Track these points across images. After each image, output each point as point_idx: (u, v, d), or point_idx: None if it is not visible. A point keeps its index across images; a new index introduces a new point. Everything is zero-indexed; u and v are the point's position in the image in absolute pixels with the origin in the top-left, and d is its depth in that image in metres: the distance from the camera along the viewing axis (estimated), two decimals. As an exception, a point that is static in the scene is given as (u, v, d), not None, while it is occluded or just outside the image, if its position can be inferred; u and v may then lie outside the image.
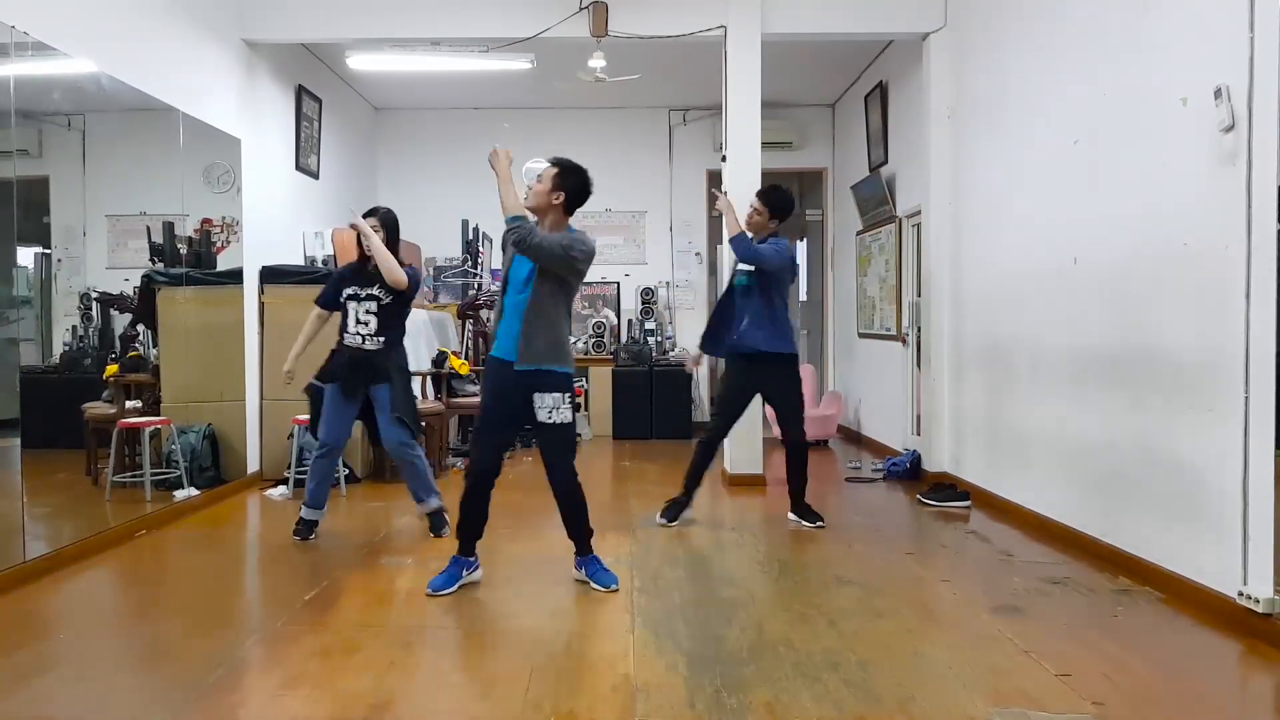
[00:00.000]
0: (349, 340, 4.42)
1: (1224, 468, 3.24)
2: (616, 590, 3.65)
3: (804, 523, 4.81)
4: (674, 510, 4.87)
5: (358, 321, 4.41)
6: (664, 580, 3.82)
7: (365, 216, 4.46)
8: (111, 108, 4.85)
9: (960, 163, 5.75)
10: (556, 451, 3.68)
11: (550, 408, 3.57)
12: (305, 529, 4.53)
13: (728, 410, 4.92)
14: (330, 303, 4.51)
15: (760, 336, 4.68)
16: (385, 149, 9.12)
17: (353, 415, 4.49)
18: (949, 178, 5.89)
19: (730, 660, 2.91)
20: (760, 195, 4.82)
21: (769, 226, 4.76)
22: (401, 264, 4.38)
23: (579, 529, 3.77)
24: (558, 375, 3.58)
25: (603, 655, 2.99)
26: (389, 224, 4.47)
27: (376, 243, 4.33)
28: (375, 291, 4.40)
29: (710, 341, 4.95)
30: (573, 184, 3.58)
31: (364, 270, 4.45)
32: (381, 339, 4.41)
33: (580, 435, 8.33)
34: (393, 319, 4.45)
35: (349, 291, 4.44)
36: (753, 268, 4.69)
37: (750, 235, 4.67)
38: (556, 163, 3.61)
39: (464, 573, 3.71)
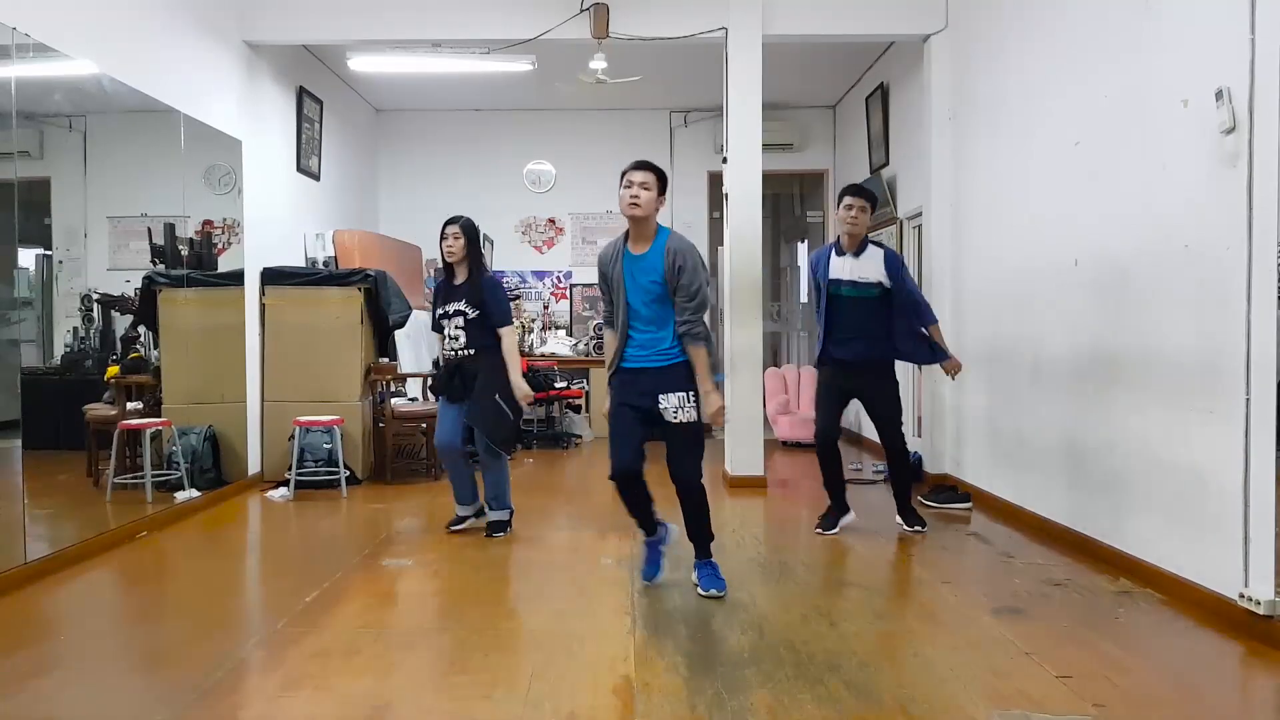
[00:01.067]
0: (447, 354, 4.64)
1: (1225, 469, 3.23)
2: (720, 596, 3.57)
3: (904, 526, 4.71)
4: (829, 519, 4.72)
5: (450, 337, 4.59)
6: (665, 581, 3.81)
7: (448, 225, 4.60)
8: (113, 109, 4.86)
9: (961, 164, 5.75)
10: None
11: (676, 407, 3.53)
12: (456, 521, 4.73)
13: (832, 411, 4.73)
14: (437, 328, 4.70)
15: (886, 347, 4.57)
16: (386, 150, 9.12)
17: (459, 417, 4.61)
18: (950, 179, 5.89)
19: (731, 662, 2.91)
20: (859, 194, 4.56)
21: (869, 223, 4.64)
22: (484, 271, 4.64)
23: (697, 531, 3.72)
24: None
25: (603, 656, 2.99)
26: (470, 233, 4.61)
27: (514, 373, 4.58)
28: (461, 307, 4.55)
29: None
30: (665, 182, 3.61)
31: (451, 285, 4.60)
32: (473, 350, 4.55)
33: (580, 436, 8.35)
34: (482, 329, 4.56)
35: (440, 310, 4.64)
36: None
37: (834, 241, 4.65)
38: (653, 167, 3.57)
39: (662, 548, 3.76)
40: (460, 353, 4.55)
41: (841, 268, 4.59)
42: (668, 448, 3.60)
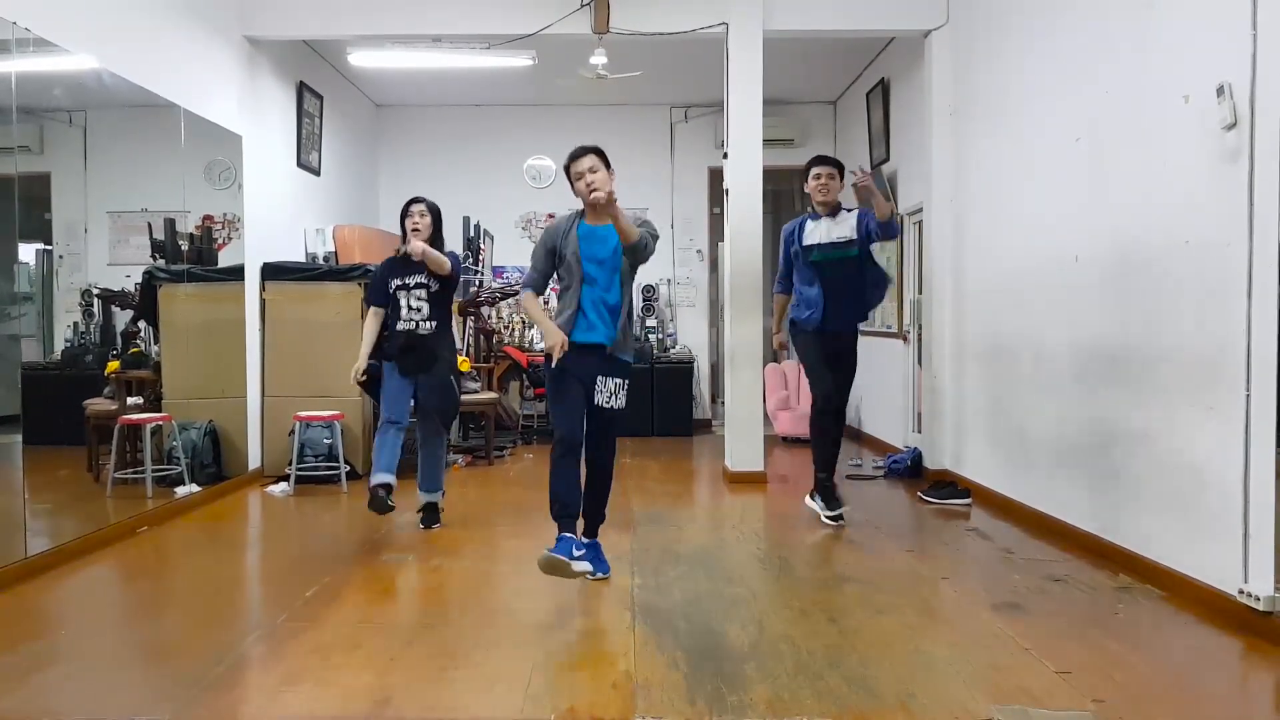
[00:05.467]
0: (402, 327, 4.55)
1: (1225, 465, 3.23)
2: (605, 579, 3.71)
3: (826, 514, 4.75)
4: (831, 500, 4.76)
5: (410, 309, 4.55)
6: (665, 577, 3.82)
7: (413, 204, 4.61)
8: (113, 104, 4.86)
9: (962, 160, 5.75)
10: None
11: (611, 393, 3.65)
12: (382, 493, 4.38)
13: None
14: (383, 300, 4.62)
15: (860, 310, 4.74)
16: (386, 146, 9.12)
17: (411, 392, 4.57)
18: (951, 175, 5.88)
19: (731, 657, 2.91)
20: (827, 162, 4.72)
21: (840, 189, 4.73)
22: (445, 248, 4.65)
23: (597, 511, 3.88)
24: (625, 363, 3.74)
25: (603, 652, 2.99)
26: (435, 212, 4.65)
27: (434, 255, 4.41)
28: (423, 279, 4.54)
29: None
30: (607, 159, 3.65)
31: (408, 261, 4.54)
32: (434, 323, 4.55)
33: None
34: (443, 302, 4.61)
35: (397, 282, 4.57)
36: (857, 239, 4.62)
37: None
38: (595, 150, 3.61)
39: (576, 551, 3.62)
40: (421, 325, 4.52)
41: (817, 232, 4.65)
42: (591, 429, 3.69)
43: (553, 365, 3.62)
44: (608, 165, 3.63)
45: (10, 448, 3.94)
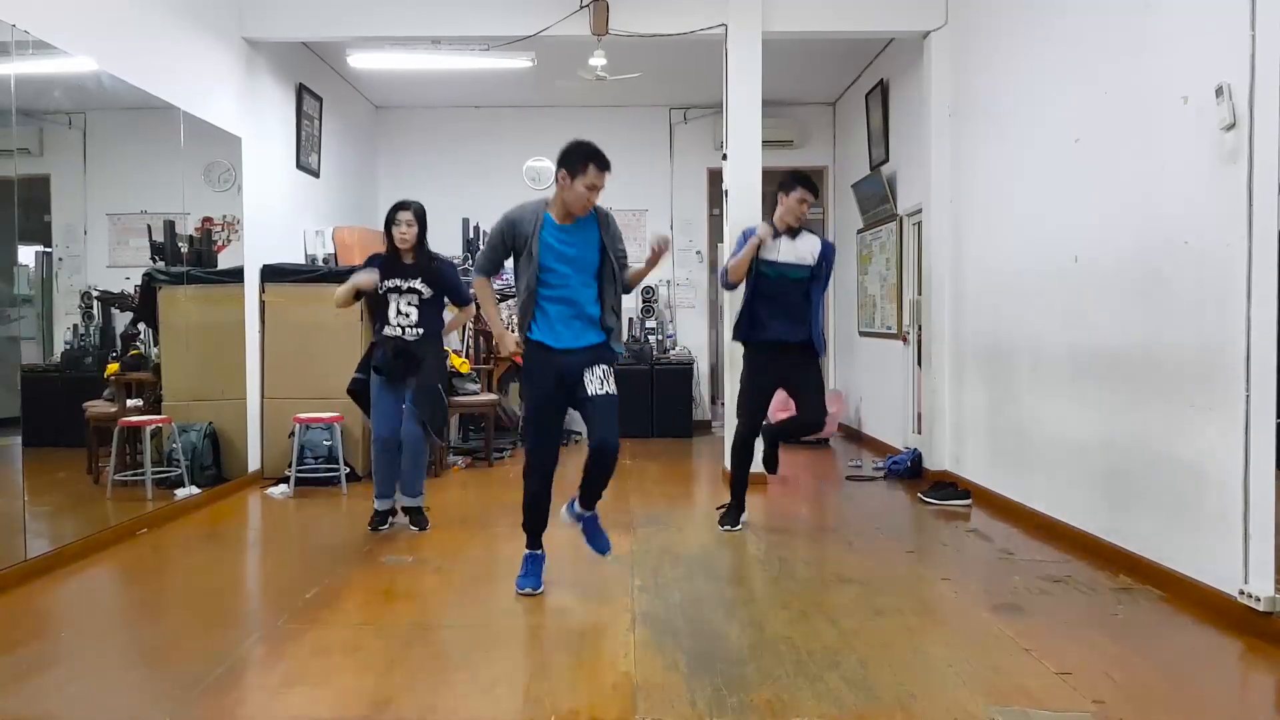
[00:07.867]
0: (390, 331, 4.51)
1: (1225, 466, 3.23)
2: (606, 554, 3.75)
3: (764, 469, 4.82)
4: (733, 515, 4.72)
5: (399, 313, 4.50)
6: (664, 578, 3.82)
7: (400, 210, 4.55)
8: (112, 106, 4.86)
9: (961, 161, 5.75)
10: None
11: (601, 378, 3.60)
12: (377, 519, 4.63)
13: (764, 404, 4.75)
14: (378, 298, 4.54)
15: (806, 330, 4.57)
16: (386, 147, 9.12)
17: (400, 403, 4.54)
18: (949, 176, 5.88)
19: (731, 658, 2.91)
20: (812, 187, 4.56)
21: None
22: (434, 256, 4.62)
23: (598, 491, 3.83)
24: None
25: (603, 653, 2.99)
26: (422, 216, 4.60)
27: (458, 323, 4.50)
28: (417, 285, 4.50)
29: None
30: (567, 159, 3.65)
31: (401, 263, 4.51)
32: (421, 330, 4.51)
33: (580, 433, 8.35)
34: (433, 311, 4.57)
35: (390, 284, 4.51)
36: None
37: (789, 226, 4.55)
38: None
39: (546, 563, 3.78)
40: (409, 331, 4.48)
41: (777, 249, 4.52)
42: (595, 419, 3.62)
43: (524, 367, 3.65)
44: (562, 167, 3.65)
45: (10, 450, 3.94)
